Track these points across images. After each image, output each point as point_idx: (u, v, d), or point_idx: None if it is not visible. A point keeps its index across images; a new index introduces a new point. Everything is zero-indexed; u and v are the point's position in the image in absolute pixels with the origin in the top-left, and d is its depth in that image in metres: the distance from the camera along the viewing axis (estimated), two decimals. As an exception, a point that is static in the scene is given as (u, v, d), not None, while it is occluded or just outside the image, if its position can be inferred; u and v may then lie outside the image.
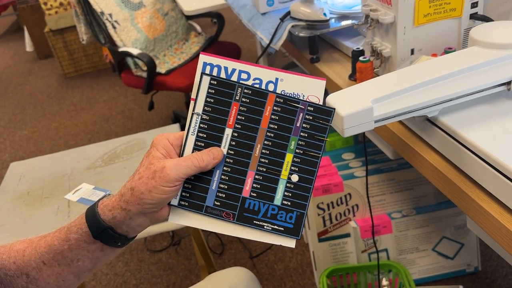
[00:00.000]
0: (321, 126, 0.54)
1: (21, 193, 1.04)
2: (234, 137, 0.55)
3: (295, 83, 0.54)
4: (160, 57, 2.17)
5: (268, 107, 0.54)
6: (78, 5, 2.00)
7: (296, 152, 0.54)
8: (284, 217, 0.54)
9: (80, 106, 3.04)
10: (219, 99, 0.54)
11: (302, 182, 0.54)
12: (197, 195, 0.54)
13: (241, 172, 0.55)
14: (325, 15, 1.03)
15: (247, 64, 0.55)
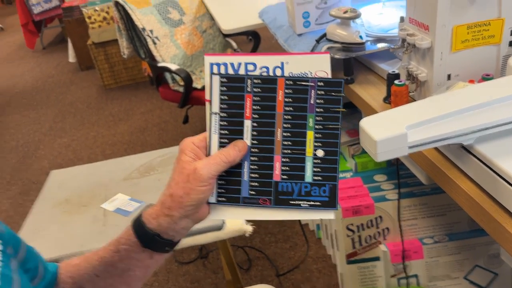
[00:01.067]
0: (334, 98, 0.55)
1: (60, 201, 1.09)
2: (254, 127, 0.56)
3: (300, 62, 0.56)
4: (196, 72, 2.22)
5: (280, 91, 0.56)
6: (121, 21, 2.09)
7: (316, 128, 0.56)
8: (318, 192, 0.56)
9: (118, 117, 3.14)
10: (232, 94, 0.56)
11: (327, 155, 0.56)
12: (232, 189, 0.57)
13: (268, 158, 0.56)
14: (361, 38, 1.04)
15: (250, 55, 0.57)
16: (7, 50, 5.42)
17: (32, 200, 2.34)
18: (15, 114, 3.42)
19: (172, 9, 2.21)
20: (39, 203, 1.11)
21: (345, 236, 1.40)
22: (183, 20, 2.23)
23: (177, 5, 2.24)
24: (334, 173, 0.56)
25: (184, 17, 2.25)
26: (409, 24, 0.91)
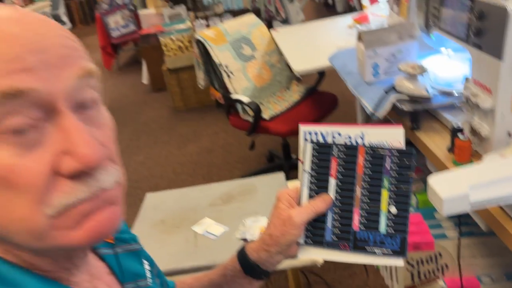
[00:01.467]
0: (406, 165, 0.65)
1: (157, 221, 1.28)
2: (338, 184, 0.67)
3: (378, 134, 0.67)
4: (264, 103, 2.40)
5: (360, 156, 0.67)
6: (200, 56, 2.31)
7: (390, 189, 0.65)
8: (390, 242, 0.65)
9: (187, 138, 3.39)
10: (321, 158, 0.69)
11: (399, 211, 0.65)
12: (318, 233, 0.68)
13: (348, 210, 0.67)
14: (428, 92, 1.15)
15: (336, 125, 0.69)
16: (86, 69, 5.93)
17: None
18: (95, 131, 3.77)
19: (245, 46, 2.41)
20: (138, 222, 1.31)
21: (404, 269, 1.48)
22: (254, 55, 2.43)
23: (249, 42, 2.44)
24: (404, 226, 0.65)
25: (256, 52, 2.44)
26: (473, 85, 1.02)
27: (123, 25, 5.32)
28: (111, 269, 0.56)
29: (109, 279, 0.55)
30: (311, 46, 2.21)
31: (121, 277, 0.56)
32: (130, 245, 0.60)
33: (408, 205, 0.66)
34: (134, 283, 0.57)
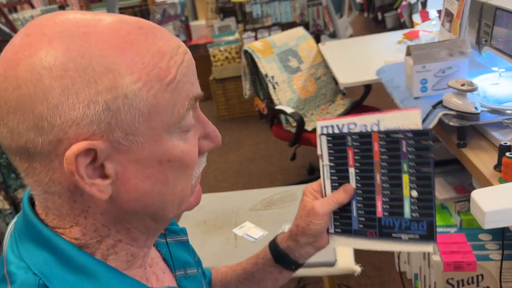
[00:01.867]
0: (424, 145, 0.62)
1: (199, 221, 1.33)
2: (357, 173, 0.67)
3: (393, 119, 0.64)
4: (308, 115, 2.42)
5: (375, 143, 0.65)
6: (247, 66, 2.38)
7: (410, 172, 0.63)
8: (416, 227, 0.63)
9: (229, 147, 3.46)
10: (337, 149, 0.68)
11: (422, 195, 0.63)
12: (345, 222, 0.69)
13: (371, 198, 0.66)
14: (476, 108, 1.14)
15: (351, 116, 0.68)
16: (137, 76, 6.20)
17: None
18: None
19: (292, 58, 2.46)
20: (181, 221, 1.36)
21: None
22: (300, 67, 2.47)
23: (296, 55, 2.48)
24: (430, 210, 0.63)
25: (302, 65, 2.48)
26: (524, 103, 1.00)
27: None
28: (163, 257, 0.61)
29: (163, 265, 0.60)
30: (358, 60, 2.22)
31: (172, 265, 0.61)
32: (180, 236, 0.65)
33: (431, 188, 0.63)
34: (183, 271, 0.61)
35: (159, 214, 0.49)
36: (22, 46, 0.41)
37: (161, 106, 0.44)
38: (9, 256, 0.46)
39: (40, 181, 0.44)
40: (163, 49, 0.44)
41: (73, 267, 0.45)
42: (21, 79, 0.40)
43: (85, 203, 0.45)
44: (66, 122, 0.41)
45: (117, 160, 0.44)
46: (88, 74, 0.40)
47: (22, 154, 0.43)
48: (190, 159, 0.48)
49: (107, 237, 0.48)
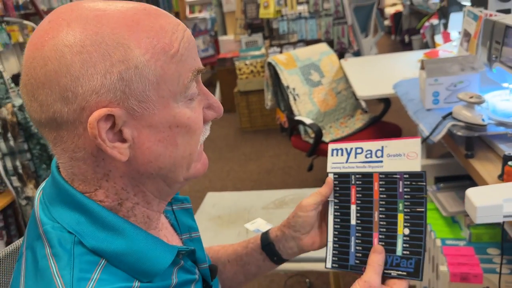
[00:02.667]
0: (418, 186, 0.67)
1: (214, 216, 1.40)
2: (358, 210, 0.71)
3: (396, 146, 0.70)
4: (326, 128, 2.49)
5: (375, 183, 0.70)
6: (270, 78, 2.47)
7: (405, 211, 0.67)
8: (405, 264, 0.66)
9: (249, 157, 3.54)
10: (342, 186, 0.73)
11: (414, 233, 0.66)
12: (343, 258, 0.72)
13: (368, 235, 0.69)
14: (483, 120, 1.19)
15: (359, 142, 0.74)
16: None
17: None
18: (166, 142, 4.05)
19: (314, 72, 2.54)
20: (197, 215, 1.44)
21: (450, 299, 1.46)
22: (321, 81, 2.54)
23: (318, 69, 2.56)
24: (419, 248, 0.66)
25: (323, 79, 2.56)
26: (528, 115, 1.05)
27: (203, 49, 5.71)
28: (170, 222, 0.69)
29: (170, 229, 0.68)
30: (378, 76, 2.28)
31: (178, 229, 0.69)
32: (184, 204, 0.72)
33: (423, 227, 0.67)
34: (188, 234, 0.69)
35: (170, 176, 0.56)
36: (45, 30, 0.49)
37: (168, 76, 0.51)
38: (42, 218, 0.54)
39: (67, 148, 0.51)
40: (165, 26, 0.51)
41: (102, 225, 0.53)
42: (47, 58, 0.48)
43: (106, 166, 0.52)
44: (87, 91, 0.48)
45: (133, 126, 0.51)
46: (103, 48, 0.48)
47: (51, 124, 0.50)
48: (197, 126, 0.55)
49: (126, 200, 0.55)
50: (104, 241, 0.52)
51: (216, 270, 0.71)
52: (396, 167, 0.70)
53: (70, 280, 0.48)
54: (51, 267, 0.50)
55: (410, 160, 0.69)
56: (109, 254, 0.51)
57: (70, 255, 0.50)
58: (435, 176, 1.75)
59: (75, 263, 0.49)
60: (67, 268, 0.49)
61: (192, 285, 0.63)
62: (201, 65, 0.55)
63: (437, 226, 1.68)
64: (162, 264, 0.54)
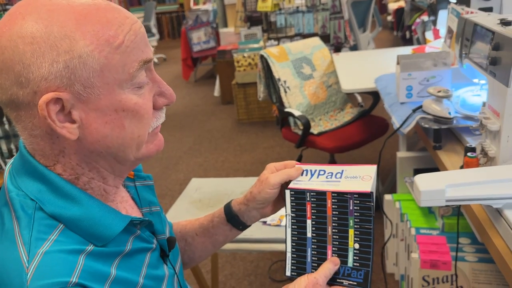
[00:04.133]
0: (367, 205, 0.73)
1: (195, 200, 1.47)
2: (313, 224, 0.77)
3: (354, 170, 0.78)
4: (316, 120, 2.55)
5: (328, 200, 0.76)
6: (262, 70, 2.53)
7: (355, 227, 0.74)
8: (355, 275, 0.74)
9: (244, 148, 3.61)
10: (298, 202, 0.78)
11: (363, 247, 0.73)
12: (300, 267, 0.78)
13: (323, 247, 0.76)
14: (450, 114, 1.25)
15: (322, 165, 0.81)
16: (166, 78, 6.44)
17: (166, 203, 2.86)
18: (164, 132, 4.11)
19: (306, 65, 2.59)
20: (180, 198, 1.52)
21: (420, 285, 1.53)
22: (313, 75, 2.60)
23: (310, 62, 2.62)
24: (368, 261, 0.73)
25: (315, 72, 2.61)
26: (487, 109, 1.11)
27: (205, 41, 5.76)
28: (132, 197, 0.76)
29: (131, 203, 0.75)
30: (366, 70, 2.34)
31: (139, 203, 0.76)
32: (146, 181, 0.79)
33: (371, 242, 0.73)
34: (148, 208, 0.76)
35: (120, 155, 0.62)
36: (4, 22, 0.56)
37: (112, 65, 0.56)
38: (9, 186, 0.61)
39: (25, 126, 0.58)
40: (111, 20, 0.57)
41: (61, 194, 0.60)
42: (4, 47, 0.54)
43: (61, 144, 0.59)
44: (37, 77, 0.54)
45: (80, 108, 0.57)
46: (51, 40, 0.54)
47: (10, 105, 0.57)
48: (144, 111, 0.61)
49: (82, 175, 0.62)
50: (62, 208, 0.59)
51: (174, 241, 0.78)
52: (349, 187, 0.76)
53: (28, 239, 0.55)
54: (14, 228, 0.57)
55: (364, 181, 0.76)
56: (66, 220, 0.59)
57: (30, 219, 0.57)
58: (414, 168, 1.81)
59: (34, 225, 0.56)
60: (27, 229, 0.56)
61: (148, 253, 0.69)
62: (150, 56, 0.61)
63: (413, 216, 1.74)
64: (113, 230, 0.61)
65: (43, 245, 0.55)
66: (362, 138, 2.38)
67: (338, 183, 0.78)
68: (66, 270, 0.54)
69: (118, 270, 0.61)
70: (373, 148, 3.07)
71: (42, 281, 0.53)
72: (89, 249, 0.59)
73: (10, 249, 0.56)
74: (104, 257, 0.60)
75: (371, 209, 0.73)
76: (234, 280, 2.08)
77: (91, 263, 0.58)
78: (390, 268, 1.98)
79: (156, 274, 0.70)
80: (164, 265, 0.74)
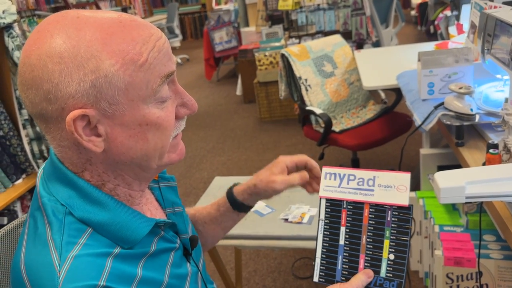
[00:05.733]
0: (405, 218, 0.74)
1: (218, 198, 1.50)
2: (347, 232, 0.77)
3: (387, 178, 0.76)
4: (337, 118, 2.55)
5: (366, 210, 0.77)
6: (283, 69, 2.55)
7: (391, 238, 0.74)
8: (388, 285, 0.74)
9: (267, 146, 3.63)
10: (333, 208, 0.79)
11: (397, 259, 0.74)
12: (329, 274, 0.78)
13: (355, 255, 0.76)
14: (471, 110, 1.24)
15: (353, 169, 0.80)
16: (189, 78, 6.54)
17: (190, 201, 2.91)
18: (188, 131, 4.19)
19: (327, 63, 2.60)
20: (204, 197, 1.55)
21: (444, 283, 1.52)
22: (334, 72, 2.60)
23: (331, 60, 2.62)
24: (402, 273, 0.73)
25: (336, 70, 2.61)
26: (510, 105, 1.10)
27: (226, 41, 5.81)
28: (156, 198, 0.79)
29: (155, 204, 0.78)
30: (388, 67, 2.32)
31: (162, 204, 0.79)
32: (169, 182, 0.83)
33: (406, 253, 0.74)
34: (172, 209, 0.80)
35: (143, 164, 0.65)
36: (34, 40, 0.58)
37: (136, 83, 0.58)
38: (41, 192, 0.65)
39: (54, 137, 0.61)
40: (136, 38, 0.58)
41: (90, 199, 0.63)
42: (34, 65, 0.57)
43: (87, 154, 0.62)
44: (65, 95, 0.57)
45: (106, 123, 0.59)
46: (78, 60, 0.56)
47: (40, 118, 0.60)
48: (167, 123, 0.63)
49: (108, 182, 0.66)
50: (91, 213, 0.62)
51: (197, 240, 0.81)
52: (386, 198, 0.76)
53: (59, 243, 0.59)
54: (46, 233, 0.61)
55: (400, 192, 0.75)
56: (94, 224, 0.62)
57: (61, 223, 0.61)
58: (437, 165, 1.80)
59: (65, 230, 0.60)
60: (58, 233, 0.60)
61: (171, 252, 0.73)
62: (172, 69, 0.63)
63: (437, 213, 1.73)
64: (139, 233, 0.65)
65: (73, 249, 0.59)
66: (385, 135, 2.36)
67: (372, 193, 0.77)
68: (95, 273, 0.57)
69: (144, 270, 0.64)
70: (397, 145, 3.05)
71: (72, 284, 0.56)
72: (116, 251, 0.62)
73: (43, 253, 0.59)
74: (131, 258, 0.64)
75: (410, 222, 0.74)
76: (258, 277, 2.12)
77: (118, 265, 0.61)
78: (414, 265, 1.97)
79: (179, 273, 0.73)
80: (187, 263, 0.77)
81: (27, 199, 1.88)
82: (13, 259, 0.64)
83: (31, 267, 0.60)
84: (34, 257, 0.60)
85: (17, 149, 1.80)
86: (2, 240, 0.81)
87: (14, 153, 1.80)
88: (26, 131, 1.78)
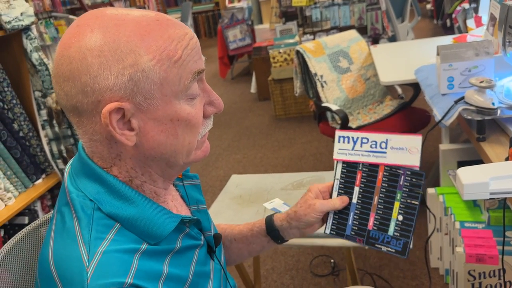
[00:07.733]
0: (417, 183, 0.78)
1: (236, 195, 1.51)
2: (360, 192, 0.83)
3: (399, 140, 0.79)
4: (354, 114, 2.53)
5: (380, 172, 0.81)
6: (298, 65, 2.53)
7: (401, 201, 0.79)
8: (395, 243, 0.80)
9: (282, 144, 3.62)
10: (349, 169, 0.84)
11: (406, 220, 0.79)
12: (340, 227, 0.85)
13: (366, 214, 0.82)
14: (493, 104, 1.21)
15: (365, 132, 0.83)
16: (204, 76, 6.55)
17: (207, 199, 2.92)
18: (203, 130, 4.20)
19: (343, 59, 2.57)
20: (222, 194, 1.55)
21: (465, 280, 1.49)
22: (350, 68, 2.58)
23: (347, 56, 2.60)
24: (409, 233, 0.79)
25: (352, 65, 2.59)
26: (534, 98, 1.07)
27: (240, 39, 5.81)
28: (181, 195, 0.79)
29: (180, 201, 0.79)
30: (405, 61, 2.29)
31: (187, 201, 0.79)
32: (193, 180, 0.84)
33: (414, 216, 0.78)
34: (196, 206, 0.80)
35: (171, 160, 0.66)
36: (73, 33, 0.59)
37: (170, 78, 0.60)
38: (69, 187, 0.66)
39: (86, 131, 0.62)
40: (172, 36, 0.60)
41: (118, 195, 0.64)
42: (72, 57, 0.58)
43: (118, 148, 0.63)
44: (102, 88, 0.58)
45: (139, 117, 0.60)
46: (117, 54, 0.57)
47: (74, 111, 0.61)
48: (196, 120, 0.64)
49: (135, 178, 0.66)
50: (119, 208, 0.63)
51: (220, 238, 0.82)
52: (399, 159, 0.79)
53: (88, 239, 0.60)
54: (75, 228, 0.61)
55: (412, 154, 0.78)
56: (122, 219, 0.63)
57: (89, 219, 0.61)
58: (457, 160, 1.77)
59: (93, 225, 0.61)
60: (87, 229, 0.60)
61: (196, 249, 0.73)
62: (202, 66, 0.64)
63: (458, 210, 1.70)
64: (166, 229, 0.65)
65: (102, 244, 0.59)
66: (403, 131, 2.32)
67: (385, 155, 0.80)
68: (122, 270, 0.58)
69: (170, 267, 0.65)
70: (414, 140, 3.00)
71: (100, 281, 0.56)
72: (143, 247, 0.62)
73: (72, 247, 0.60)
74: (157, 255, 0.64)
75: (421, 187, 0.77)
76: (276, 275, 2.11)
77: (145, 262, 0.61)
78: (434, 262, 1.94)
79: (204, 270, 0.74)
80: (211, 261, 0.77)
81: (47, 199, 1.91)
82: (40, 253, 0.65)
83: (59, 260, 0.60)
84: (62, 251, 0.61)
85: (36, 149, 1.83)
86: (24, 240, 0.82)
87: (34, 154, 1.83)
88: (45, 131, 1.80)
